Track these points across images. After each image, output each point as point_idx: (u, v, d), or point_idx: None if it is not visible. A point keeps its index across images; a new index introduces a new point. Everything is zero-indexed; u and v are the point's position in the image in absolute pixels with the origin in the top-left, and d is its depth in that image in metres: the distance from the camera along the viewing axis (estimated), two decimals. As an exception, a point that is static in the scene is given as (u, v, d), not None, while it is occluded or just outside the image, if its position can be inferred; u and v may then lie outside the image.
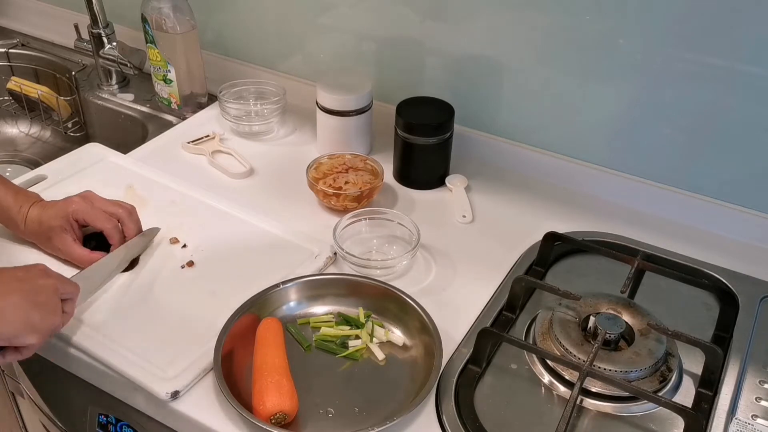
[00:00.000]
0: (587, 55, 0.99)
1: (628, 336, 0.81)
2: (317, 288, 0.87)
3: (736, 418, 0.74)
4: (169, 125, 1.25)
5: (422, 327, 0.81)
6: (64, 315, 0.75)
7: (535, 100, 1.07)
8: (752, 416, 0.74)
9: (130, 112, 1.32)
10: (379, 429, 0.69)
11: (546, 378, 0.79)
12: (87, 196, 0.91)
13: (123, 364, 0.76)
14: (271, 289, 0.84)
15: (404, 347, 0.82)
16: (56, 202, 0.90)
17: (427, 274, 0.93)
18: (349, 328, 0.83)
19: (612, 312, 0.82)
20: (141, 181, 1.06)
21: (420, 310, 0.82)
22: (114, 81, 1.36)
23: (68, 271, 0.86)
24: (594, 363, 0.75)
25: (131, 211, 0.92)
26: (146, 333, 0.81)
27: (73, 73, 1.40)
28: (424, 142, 1.05)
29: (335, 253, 0.93)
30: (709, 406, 0.76)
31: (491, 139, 1.13)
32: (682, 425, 0.71)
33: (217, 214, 1.00)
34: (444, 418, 0.73)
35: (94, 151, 1.13)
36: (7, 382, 1.03)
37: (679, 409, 0.70)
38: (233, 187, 1.08)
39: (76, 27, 1.37)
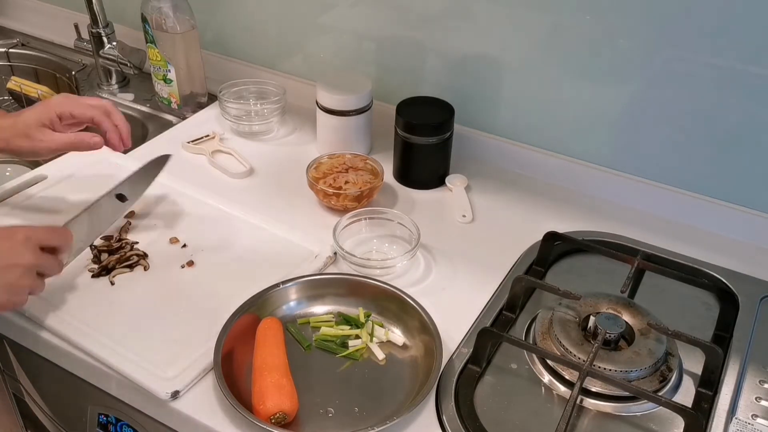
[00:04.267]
0: (587, 55, 0.99)
1: (628, 336, 0.81)
2: (317, 288, 0.87)
3: (736, 418, 0.74)
4: (169, 125, 1.25)
5: (422, 327, 0.81)
6: (55, 266, 0.77)
7: (535, 100, 1.07)
8: (752, 416, 0.74)
9: (130, 112, 1.31)
10: (379, 429, 0.69)
11: (546, 378, 0.79)
12: (66, 95, 0.91)
13: (123, 364, 0.76)
14: (271, 289, 0.84)
15: (404, 347, 0.82)
16: (32, 107, 0.89)
17: (427, 274, 0.93)
18: (349, 327, 0.83)
19: (612, 312, 0.82)
20: (141, 181, 1.05)
21: (420, 310, 0.82)
22: (114, 81, 1.36)
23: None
24: (594, 363, 0.75)
25: (111, 105, 0.92)
26: (146, 333, 0.81)
27: (73, 72, 1.40)
28: (424, 142, 1.05)
29: (335, 253, 0.93)
30: (709, 405, 0.76)
31: (491, 139, 1.13)
32: (682, 425, 0.71)
33: (217, 213, 1.00)
34: (444, 418, 0.73)
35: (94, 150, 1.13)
36: (7, 382, 1.03)
37: (679, 409, 0.70)
38: (233, 187, 1.08)
39: (76, 27, 1.37)
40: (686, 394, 0.78)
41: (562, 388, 0.78)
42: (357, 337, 0.82)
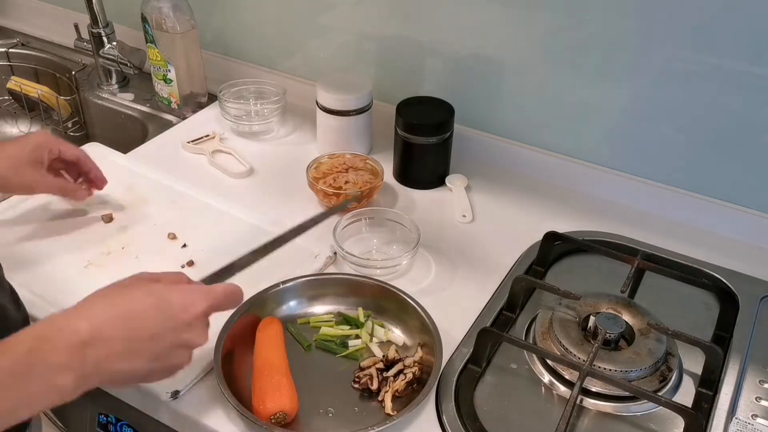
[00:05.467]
0: (587, 55, 0.99)
1: (628, 336, 0.81)
2: (317, 288, 0.87)
3: (736, 418, 0.74)
4: (169, 125, 1.25)
5: (422, 327, 0.81)
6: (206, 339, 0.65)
7: (535, 100, 1.07)
8: (752, 416, 0.74)
9: (130, 112, 1.32)
10: (379, 429, 0.69)
11: (546, 378, 0.79)
12: (46, 133, 0.95)
13: (123, 363, 0.76)
14: (271, 289, 0.84)
15: (404, 347, 0.82)
16: (17, 143, 0.89)
17: (427, 274, 0.93)
18: (349, 327, 0.83)
19: (612, 312, 0.82)
20: (141, 181, 1.06)
21: (420, 310, 0.82)
22: (114, 81, 1.36)
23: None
24: (594, 363, 0.75)
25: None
26: (146, 333, 0.80)
27: (73, 72, 1.40)
28: (424, 142, 1.05)
29: (335, 253, 0.93)
30: (709, 405, 0.76)
31: (491, 139, 1.13)
32: (682, 425, 0.71)
33: (217, 213, 1.00)
34: (444, 418, 0.73)
35: (94, 150, 1.13)
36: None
37: (679, 409, 0.70)
38: (233, 187, 1.08)
39: (76, 27, 1.37)
40: (686, 394, 0.78)
41: (562, 388, 0.78)
42: (357, 337, 0.82)
